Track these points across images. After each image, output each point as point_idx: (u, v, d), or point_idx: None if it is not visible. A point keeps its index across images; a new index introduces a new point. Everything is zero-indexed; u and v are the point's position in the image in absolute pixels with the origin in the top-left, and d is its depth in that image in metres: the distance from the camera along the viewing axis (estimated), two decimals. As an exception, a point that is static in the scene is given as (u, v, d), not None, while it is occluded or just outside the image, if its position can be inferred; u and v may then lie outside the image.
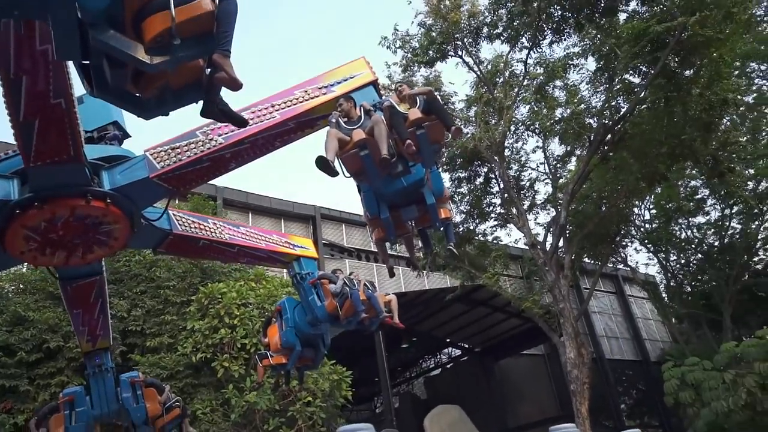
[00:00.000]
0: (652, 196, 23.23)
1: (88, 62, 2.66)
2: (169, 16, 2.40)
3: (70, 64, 3.49)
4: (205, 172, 4.87)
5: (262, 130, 4.85)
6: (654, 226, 24.68)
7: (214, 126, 4.81)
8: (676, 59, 16.54)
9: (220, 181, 23.33)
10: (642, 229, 24.70)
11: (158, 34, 2.44)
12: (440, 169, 19.53)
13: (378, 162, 4.11)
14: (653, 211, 24.60)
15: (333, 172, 4.06)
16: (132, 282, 14.56)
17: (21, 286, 14.05)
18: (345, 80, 5.30)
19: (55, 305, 13.06)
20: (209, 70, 2.84)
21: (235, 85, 2.73)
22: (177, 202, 17.68)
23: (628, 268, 26.30)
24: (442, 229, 5.26)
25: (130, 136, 5.88)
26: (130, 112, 2.99)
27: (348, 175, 4.34)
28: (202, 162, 4.74)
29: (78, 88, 3.95)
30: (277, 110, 4.96)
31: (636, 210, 22.61)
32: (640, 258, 66.35)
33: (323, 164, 4.04)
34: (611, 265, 26.42)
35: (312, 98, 5.09)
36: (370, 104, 4.68)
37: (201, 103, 3.04)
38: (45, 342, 12.45)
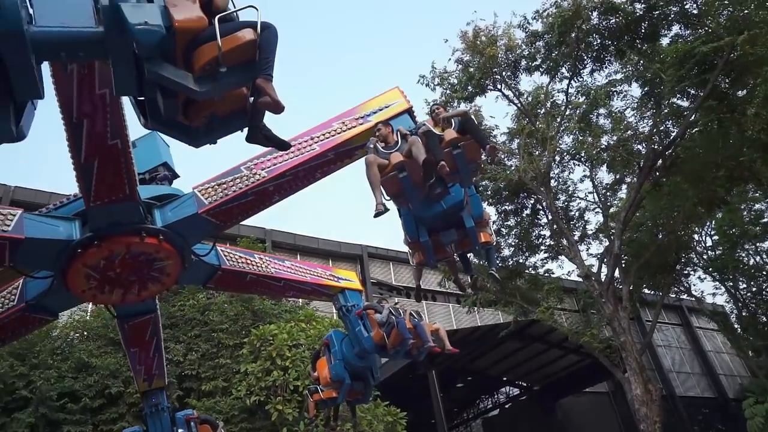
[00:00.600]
0: (713, 222, 22.14)
1: (142, 97, 2.90)
2: (216, 46, 2.62)
3: (126, 105, 3.85)
4: (250, 206, 5.06)
5: (303, 162, 5.02)
6: (717, 252, 23.42)
7: (257, 161, 5.03)
8: (727, 80, 16.02)
9: (269, 224, 24.05)
10: (705, 257, 23.48)
11: (206, 62, 2.67)
12: (486, 203, 19.78)
13: (417, 182, 4.23)
14: (715, 237, 23.41)
15: (384, 209, 4.24)
16: (186, 326, 14.93)
17: (85, 333, 14.74)
18: (380, 110, 5.46)
19: (116, 351, 13.57)
20: (252, 97, 3.05)
21: (278, 108, 2.89)
22: (227, 245, 18.42)
23: (693, 298, 24.91)
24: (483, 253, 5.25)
25: (179, 176, 6.18)
26: (181, 141, 3.16)
27: (388, 198, 4.41)
28: (247, 196, 4.92)
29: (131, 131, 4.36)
30: (316, 142, 5.14)
31: (696, 236, 21.56)
32: (705, 287, 62.84)
33: (377, 213, 4.26)
34: (674, 296, 25.08)
35: (349, 129, 5.26)
36: (406, 129, 4.79)
37: (245, 130, 3.24)
38: (107, 387, 12.93)
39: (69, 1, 2.76)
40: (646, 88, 17.66)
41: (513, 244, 20.84)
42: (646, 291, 23.38)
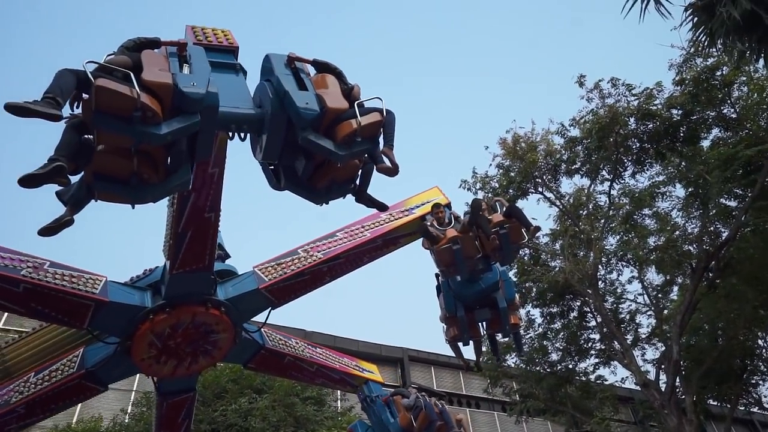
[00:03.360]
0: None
1: (274, 163, 3.66)
2: (357, 122, 3.39)
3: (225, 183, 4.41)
4: (304, 285, 5.51)
5: (355, 246, 5.58)
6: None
7: (313, 245, 5.62)
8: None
9: (309, 326, 23.90)
10: (772, 364, 21.80)
11: (347, 134, 3.37)
12: (530, 305, 19.29)
13: (467, 256, 4.81)
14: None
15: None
16: None
17: None
18: (423, 204, 6.14)
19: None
20: (366, 165, 3.78)
21: (395, 171, 3.64)
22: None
23: (766, 411, 22.82)
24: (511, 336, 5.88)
25: (230, 256, 6.57)
26: (307, 199, 3.77)
27: (442, 268, 5.03)
28: (304, 275, 5.40)
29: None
30: (367, 230, 5.76)
31: (761, 342, 20.16)
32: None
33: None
34: (743, 408, 23.06)
35: (396, 219, 5.91)
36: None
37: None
38: None
39: (234, 90, 3.57)
40: (690, 189, 17.47)
41: (561, 348, 19.86)
42: (711, 402, 21.61)
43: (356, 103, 3.50)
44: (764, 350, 20.15)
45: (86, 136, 3.06)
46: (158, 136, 2.93)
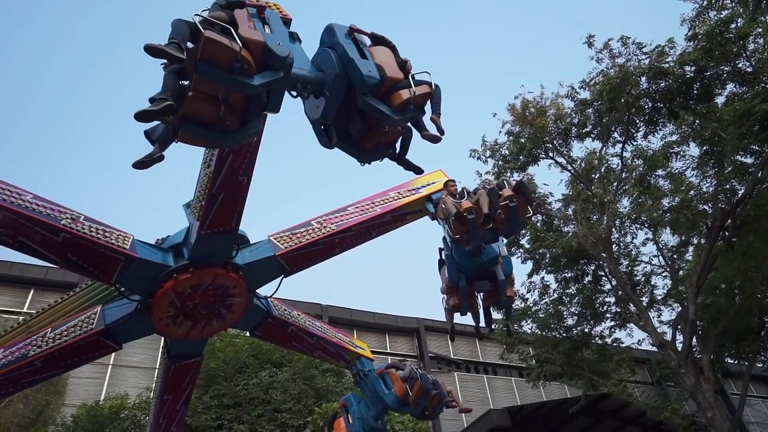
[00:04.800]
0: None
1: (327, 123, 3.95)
2: (411, 92, 3.77)
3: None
4: (317, 255, 5.77)
5: (365, 219, 5.86)
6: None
7: (326, 217, 5.88)
8: (793, 134, 15.51)
9: (325, 300, 24.22)
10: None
11: (402, 102, 3.73)
12: (544, 271, 19.26)
13: (481, 223, 5.15)
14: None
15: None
16: (249, 405, 14.86)
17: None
18: (429, 185, 6.41)
19: None
20: (406, 132, 4.17)
21: (439, 139, 4.02)
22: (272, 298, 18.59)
23: (784, 368, 22.85)
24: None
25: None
26: (354, 156, 4.12)
27: (455, 235, 5.32)
28: (318, 245, 5.66)
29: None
30: (377, 205, 6.06)
31: (778, 298, 20.06)
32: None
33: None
34: (761, 365, 23.11)
35: (404, 197, 6.19)
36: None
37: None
38: None
39: (297, 54, 3.77)
40: (705, 147, 17.16)
41: (576, 312, 19.86)
42: (729, 360, 21.69)
43: (411, 74, 3.89)
44: (782, 307, 20.05)
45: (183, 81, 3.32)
46: (251, 86, 3.27)
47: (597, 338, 19.70)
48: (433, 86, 3.96)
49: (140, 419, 14.67)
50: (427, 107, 4.01)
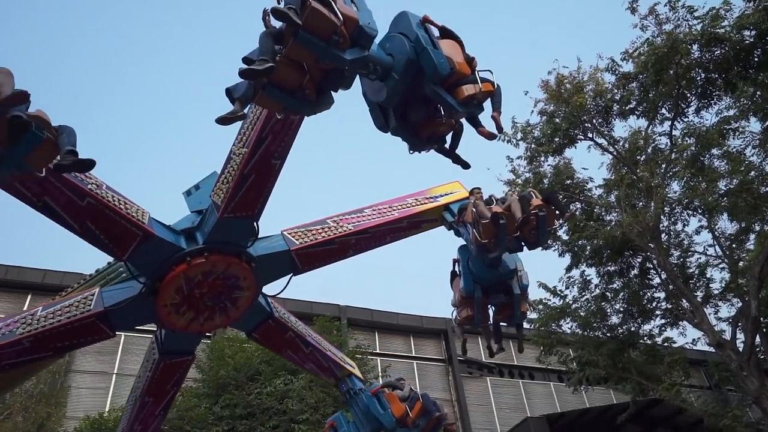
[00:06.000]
0: None
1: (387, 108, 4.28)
2: (477, 87, 4.03)
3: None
4: (330, 254, 5.87)
5: (382, 223, 6.03)
6: None
7: (343, 217, 5.98)
8: None
9: (344, 300, 23.76)
10: None
11: (468, 96, 3.99)
12: (585, 264, 18.15)
13: (509, 232, 5.33)
14: None
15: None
16: (264, 416, 14.51)
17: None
18: (446, 195, 6.64)
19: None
20: (458, 127, 4.43)
21: (495, 136, 4.34)
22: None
23: None
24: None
25: None
26: (408, 143, 4.36)
27: (483, 240, 5.37)
28: (333, 244, 5.76)
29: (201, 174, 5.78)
30: (394, 210, 6.22)
31: None
32: None
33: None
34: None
35: (422, 204, 6.39)
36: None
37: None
38: None
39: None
40: (767, 123, 15.81)
41: (621, 309, 18.83)
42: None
43: (477, 71, 4.12)
44: None
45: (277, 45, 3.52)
46: (343, 59, 3.56)
47: (645, 338, 18.86)
48: (496, 85, 4.19)
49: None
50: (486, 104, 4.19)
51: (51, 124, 3.51)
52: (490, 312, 6.10)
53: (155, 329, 5.92)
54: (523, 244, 5.64)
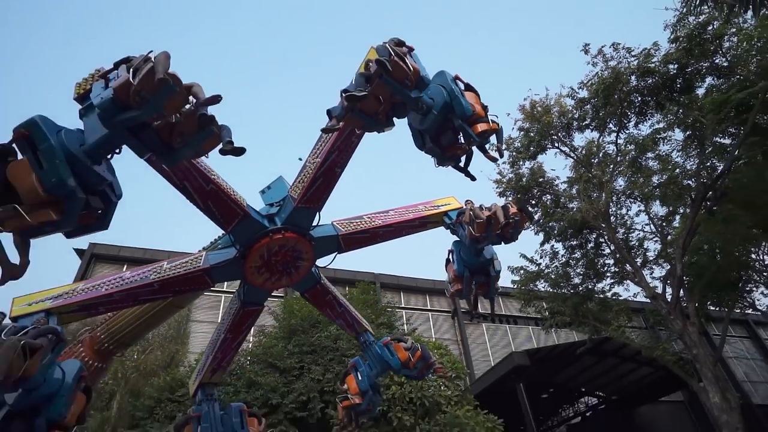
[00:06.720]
0: (770, 241, 19.55)
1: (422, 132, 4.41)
2: (488, 125, 4.19)
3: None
4: (364, 240, 6.02)
5: (402, 221, 6.19)
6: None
7: (373, 215, 6.15)
8: (765, 117, 14.72)
9: (378, 269, 24.38)
10: (765, 273, 20.78)
11: (482, 131, 4.26)
12: (553, 240, 18.98)
13: (494, 230, 5.48)
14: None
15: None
16: (323, 352, 14.99)
17: (250, 359, 15.33)
18: (445, 205, 6.63)
19: (273, 372, 14.23)
20: (469, 150, 4.49)
21: (496, 160, 4.48)
22: (347, 289, 18.88)
23: (759, 312, 21.91)
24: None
25: None
26: (436, 158, 4.48)
27: (476, 234, 5.50)
28: (366, 233, 5.95)
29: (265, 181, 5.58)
30: (410, 212, 6.38)
31: (754, 255, 19.20)
32: (769, 301, 54.43)
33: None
34: (739, 310, 22.23)
35: (429, 210, 6.47)
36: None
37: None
38: (269, 399, 13.39)
39: None
40: (688, 132, 16.46)
41: (581, 273, 19.54)
42: (711, 307, 20.97)
43: (489, 115, 4.38)
44: (756, 262, 19.25)
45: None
46: (410, 97, 3.99)
47: (599, 293, 19.28)
48: (499, 125, 4.44)
49: (243, 362, 15.02)
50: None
51: (217, 122, 3.65)
52: (473, 287, 6.17)
53: (238, 287, 5.94)
54: (501, 240, 5.81)
